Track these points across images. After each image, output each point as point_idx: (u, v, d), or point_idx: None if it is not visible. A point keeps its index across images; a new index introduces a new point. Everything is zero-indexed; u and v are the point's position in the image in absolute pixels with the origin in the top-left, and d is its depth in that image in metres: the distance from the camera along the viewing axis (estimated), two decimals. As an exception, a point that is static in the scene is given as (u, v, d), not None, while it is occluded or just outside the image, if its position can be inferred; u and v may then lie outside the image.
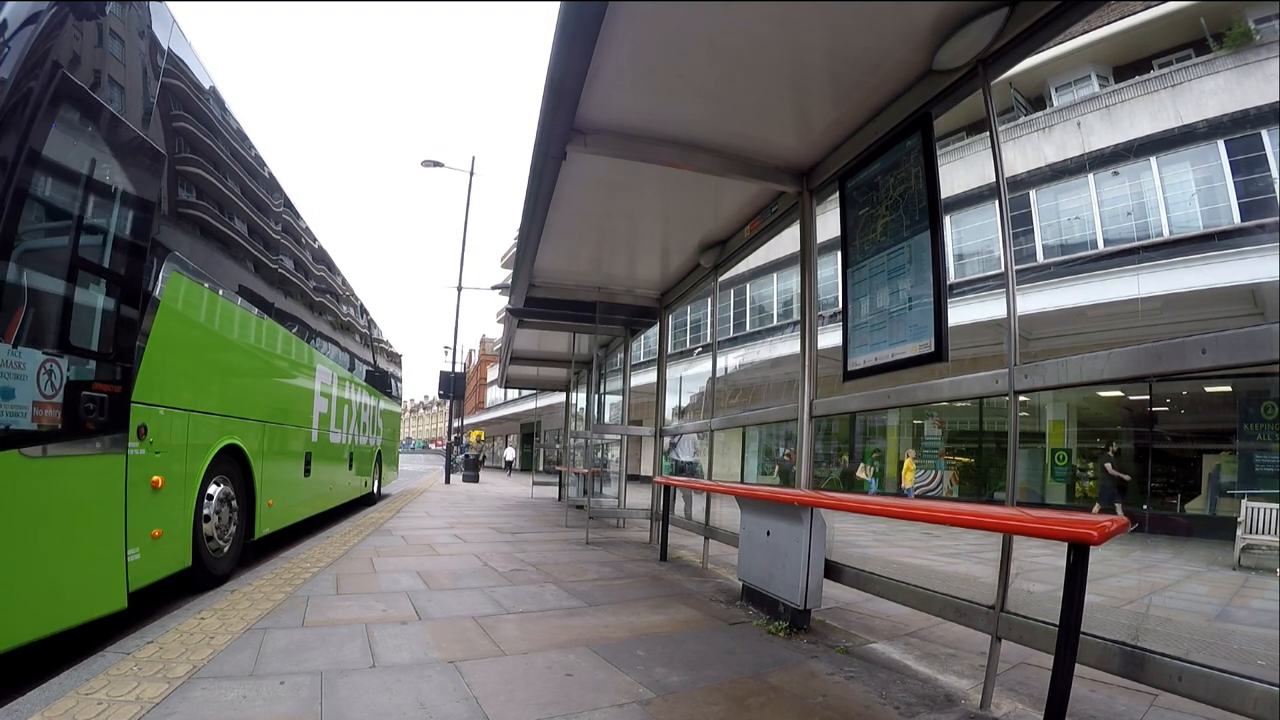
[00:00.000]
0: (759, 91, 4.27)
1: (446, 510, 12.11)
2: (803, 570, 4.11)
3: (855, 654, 3.82)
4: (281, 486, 7.40)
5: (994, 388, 3.29)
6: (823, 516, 4.21)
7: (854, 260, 4.40)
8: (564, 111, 4.13)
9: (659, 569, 6.40)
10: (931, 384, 3.73)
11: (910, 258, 3.86)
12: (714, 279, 7.31)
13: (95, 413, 3.64)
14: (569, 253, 7.50)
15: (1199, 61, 13.00)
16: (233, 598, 4.52)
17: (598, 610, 4.62)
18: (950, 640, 4.27)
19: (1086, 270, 13.58)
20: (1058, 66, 15.07)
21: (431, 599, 4.74)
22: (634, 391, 11.33)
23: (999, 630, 3.16)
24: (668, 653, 3.67)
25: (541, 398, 36.14)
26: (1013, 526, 2.78)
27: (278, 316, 7.06)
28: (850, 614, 4.88)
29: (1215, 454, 13.99)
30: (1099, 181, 14.24)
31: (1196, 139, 12.78)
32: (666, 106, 4.45)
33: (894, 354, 3.92)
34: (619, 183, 5.62)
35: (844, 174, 4.66)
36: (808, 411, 4.90)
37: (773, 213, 5.80)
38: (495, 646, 3.66)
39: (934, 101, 3.94)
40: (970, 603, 3.35)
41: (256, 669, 3.13)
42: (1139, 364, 2.76)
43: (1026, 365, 3.16)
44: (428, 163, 24.33)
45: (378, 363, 13.94)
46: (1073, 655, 2.49)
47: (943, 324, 3.60)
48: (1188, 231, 12.86)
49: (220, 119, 5.68)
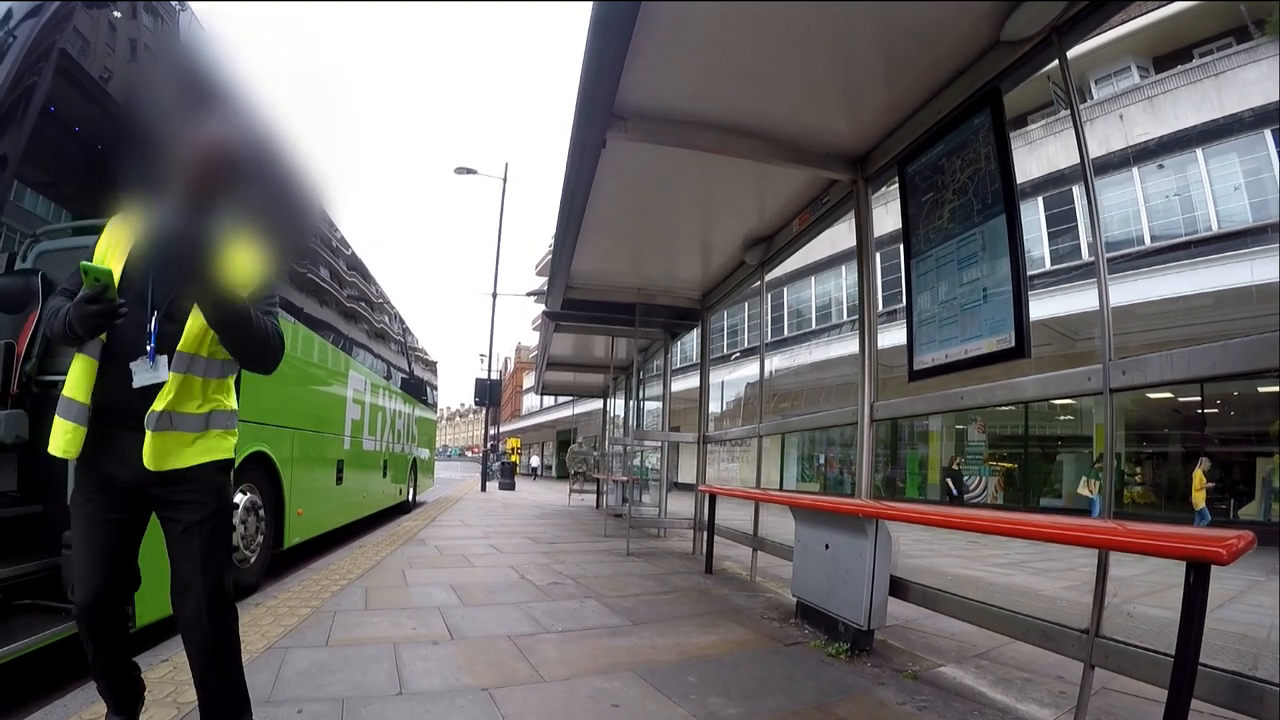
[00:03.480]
0: (810, 72, 3.96)
1: (482, 519, 11.90)
2: (866, 587, 3.77)
3: (924, 680, 3.48)
4: (312, 495, 7.20)
5: (1086, 386, 2.94)
6: (888, 529, 3.88)
7: (918, 250, 4.05)
8: (603, 95, 3.84)
9: (705, 582, 6.08)
10: (1013, 383, 3.36)
11: (984, 245, 3.51)
12: (760, 277, 6.97)
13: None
14: (606, 251, 7.22)
15: (1241, 49, 12.60)
16: (256, 612, 4.29)
17: (643, 629, 4.31)
18: (1022, 662, 3.91)
19: (1134, 267, 13.11)
20: (1096, 59, 14.65)
21: (465, 615, 4.47)
22: (673, 397, 11.05)
23: (1092, 658, 2.81)
24: (722, 679, 3.35)
25: (578, 404, 36.04)
26: (1122, 544, 2.43)
27: (308, 322, 6.88)
28: (912, 632, 4.52)
29: (1269, 457, 13.58)
30: (1144, 175, 13.78)
31: (1243, 129, 12.32)
32: (711, 88, 4.16)
33: (967, 350, 3.58)
34: (660, 174, 5.33)
35: (903, 158, 4.32)
36: (869, 415, 4.54)
37: (824, 204, 5.44)
38: (534, 671, 3.37)
39: (1003, 75, 3.61)
40: (1060, 626, 2.99)
41: (274, 695, 2.88)
42: (1257, 357, 2.41)
43: (1125, 360, 2.81)
44: (461, 170, 24.36)
45: (413, 370, 13.81)
46: (1189, 690, 2.13)
47: (1024, 317, 3.25)
48: (1235, 225, 12.42)
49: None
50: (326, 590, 5.03)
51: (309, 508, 6.99)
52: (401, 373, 12.63)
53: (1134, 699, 3.19)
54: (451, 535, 9.06)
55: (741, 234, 6.48)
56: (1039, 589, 6.89)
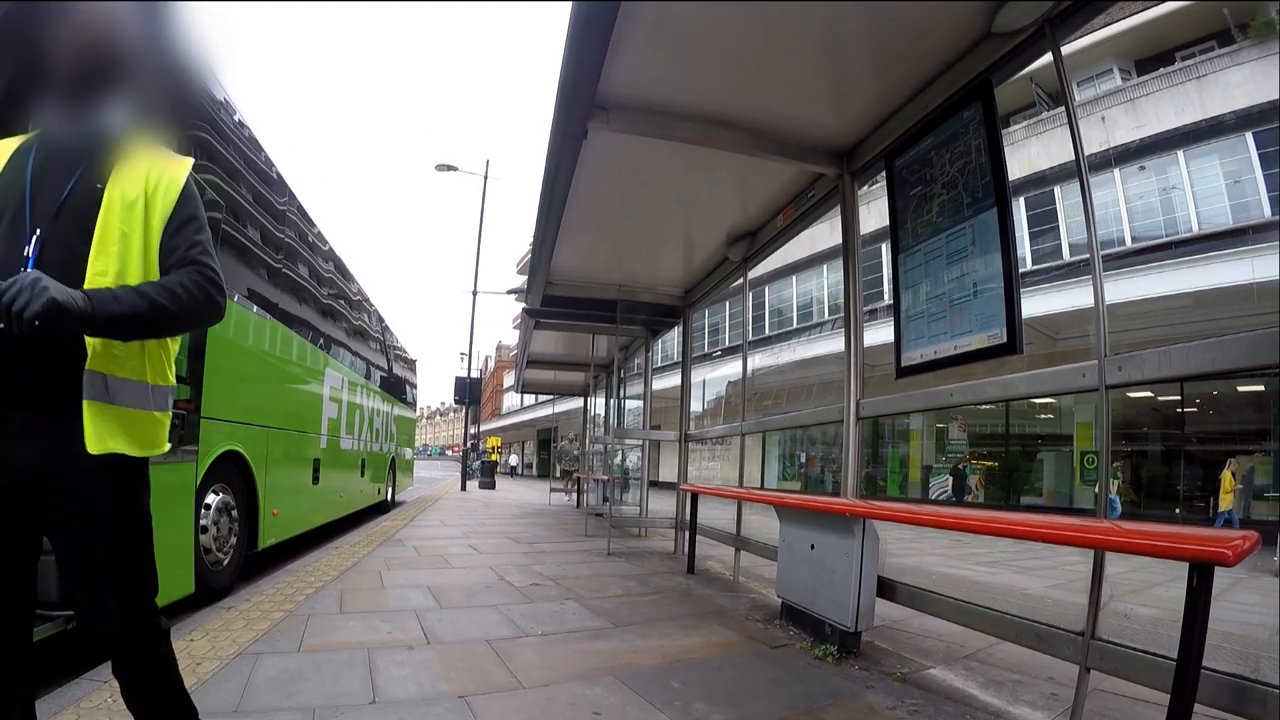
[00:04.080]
0: (796, 63, 3.89)
1: (462, 518, 11.75)
2: (853, 588, 3.69)
3: (914, 682, 3.41)
4: (287, 495, 7.05)
5: (1080, 382, 2.87)
6: (875, 529, 3.81)
7: (906, 245, 3.98)
8: (585, 84, 3.74)
9: (687, 583, 5.99)
10: (1004, 379, 3.29)
11: (974, 239, 3.45)
12: (743, 273, 6.90)
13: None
14: (588, 247, 7.12)
15: (1224, 53, 12.76)
16: (228, 616, 4.15)
17: (624, 632, 4.21)
18: (1012, 663, 3.85)
19: (1115, 267, 13.18)
20: (1078, 60, 14.75)
21: (442, 619, 4.35)
22: (653, 396, 10.97)
23: (1088, 660, 2.74)
24: (706, 683, 3.26)
25: (559, 403, 35.95)
26: (1120, 544, 2.36)
27: (281, 317, 6.71)
28: (899, 633, 4.45)
29: (1248, 455, 13.68)
30: (1125, 176, 13.87)
31: (1225, 131, 12.44)
32: (695, 78, 4.07)
33: (957, 346, 3.51)
34: (643, 167, 5.24)
35: (890, 152, 4.25)
36: (854, 413, 4.47)
37: (809, 199, 5.36)
38: (512, 677, 3.26)
39: (994, 67, 3.55)
40: (1054, 629, 2.93)
41: (242, 705, 2.75)
42: (1258, 353, 2.35)
43: (1121, 356, 2.74)
44: (441, 166, 24.14)
45: (392, 368, 13.67)
46: (1192, 695, 2.07)
47: (1015, 312, 3.19)
48: (1217, 227, 12.52)
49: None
50: (301, 593, 4.89)
51: (284, 508, 6.83)
52: (380, 370, 12.48)
53: (1128, 700, 3.13)
54: (430, 535, 8.91)
55: (725, 229, 6.40)
56: (1025, 588, 6.87)
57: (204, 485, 5.01)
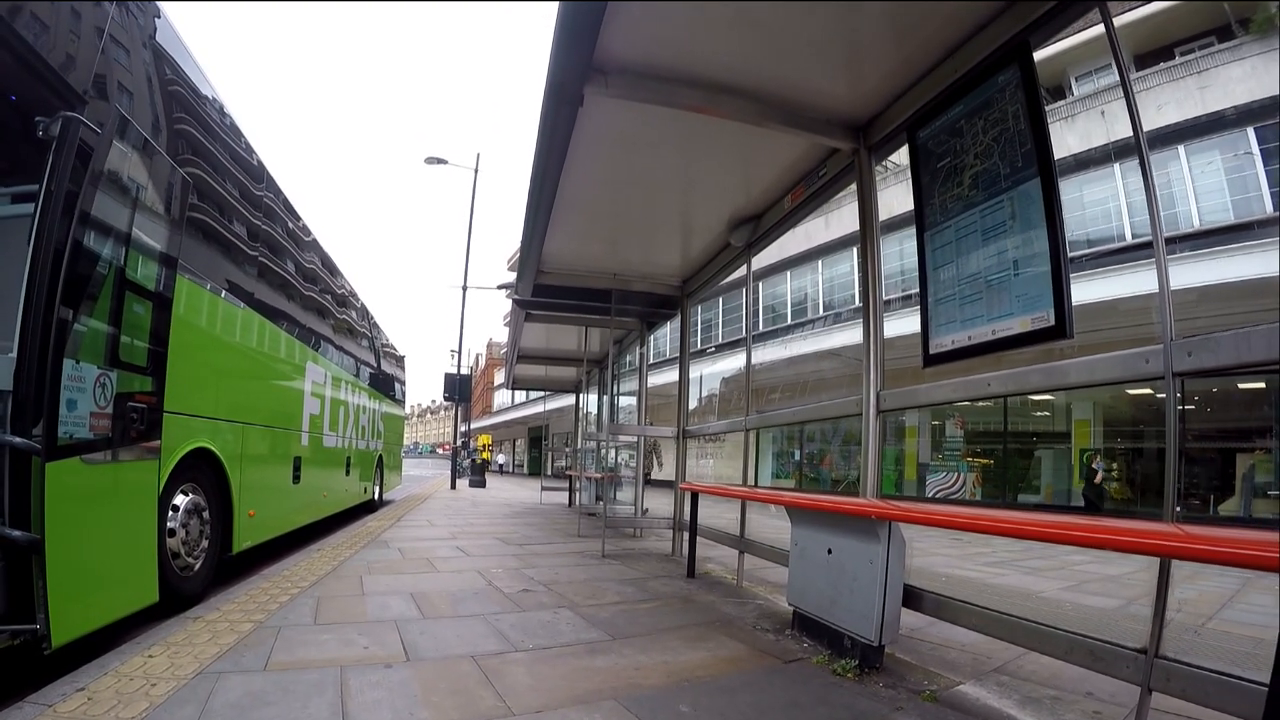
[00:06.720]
0: (811, 24, 3.56)
1: (450, 518, 11.39)
2: (877, 598, 3.35)
3: (945, 702, 3.08)
4: (265, 495, 6.68)
5: (1144, 369, 2.55)
6: (902, 532, 3.47)
7: (933, 222, 3.64)
8: (583, 41, 3.38)
9: (688, 588, 5.65)
10: (1050, 366, 2.96)
11: (1013, 212, 3.12)
12: (746, 260, 6.55)
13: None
14: (581, 233, 6.76)
15: (1224, 48, 12.56)
16: (193, 628, 3.79)
17: (624, 645, 3.85)
18: (1044, 677, 3.53)
19: (1114, 263, 12.97)
20: (1077, 55, 14.53)
21: (425, 630, 3.99)
22: (648, 393, 10.64)
23: (1152, 681, 2.42)
24: (718, 707, 2.91)
25: (550, 400, 35.54)
26: (1189, 551, 2.02)
27: (258, 307, 6.34)
28: (918, 643, 4.12)
29: (1249, 453, 13.49)
30: (1125, 171, 13.65)
31: (1225, 126, 12.25)
32: (701, 38, 3.73)
33: (995, 331, 3.17)
34: (641, 142, 4.87)
35: (913, 123, 3.92)
36: (874, 405, 4.12)
37: (820, 177, 5.00)
38: (500, 701, 2.89)
39: (1032, 28, 3.22)
40: (1111, 645, 2.60)
41: (192, 738, 2.41)
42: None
43: (1191, 339, 2.41)
44: (431, 160, 23.76)
45: (379, 364, 13.33)
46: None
47: (1064, 291, 2.85)
48: (1218, 222, 12.30)
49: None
50: (275, 601, 4.54)
51: (261, 509, 6.46)
52: (367, 366, 12.17)
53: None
54: (417, 536, 8.57)
55: (727, 213, 6.05)
56: (1040, 590, 6.59)
57: (171, 485, 4.66)
